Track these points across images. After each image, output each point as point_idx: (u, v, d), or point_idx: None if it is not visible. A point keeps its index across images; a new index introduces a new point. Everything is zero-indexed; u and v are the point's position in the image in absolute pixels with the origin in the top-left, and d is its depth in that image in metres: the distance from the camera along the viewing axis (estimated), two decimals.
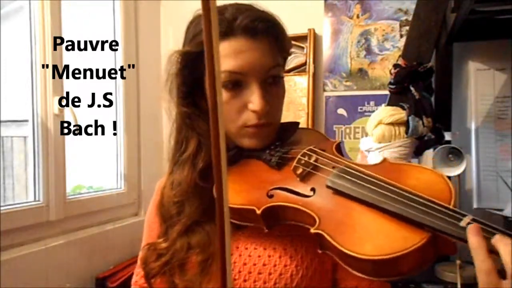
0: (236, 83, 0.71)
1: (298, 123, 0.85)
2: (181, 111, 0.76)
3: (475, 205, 1.64)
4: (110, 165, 1.99)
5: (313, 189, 0.65)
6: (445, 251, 0.54)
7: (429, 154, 1.62)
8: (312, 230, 0.59)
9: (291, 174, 0.69)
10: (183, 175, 0.74)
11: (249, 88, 0.71)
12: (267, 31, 0.71)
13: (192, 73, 0.74)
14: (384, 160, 0.68)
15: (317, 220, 0.59)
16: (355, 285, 0.72)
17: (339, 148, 0.76)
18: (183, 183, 0.74)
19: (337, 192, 0.62)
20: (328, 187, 0.64)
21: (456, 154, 1.54)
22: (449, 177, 1.59)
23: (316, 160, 0.69)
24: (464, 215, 0.52)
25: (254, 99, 0.70)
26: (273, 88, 0.73)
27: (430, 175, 0.61)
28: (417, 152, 1.51)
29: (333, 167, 0.66)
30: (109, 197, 1.90)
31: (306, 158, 0.69)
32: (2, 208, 1.41)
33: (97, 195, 1.85)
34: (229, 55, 0.69)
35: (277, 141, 0.76)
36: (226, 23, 0.69)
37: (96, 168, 2.00)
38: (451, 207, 0.54)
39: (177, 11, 2.19)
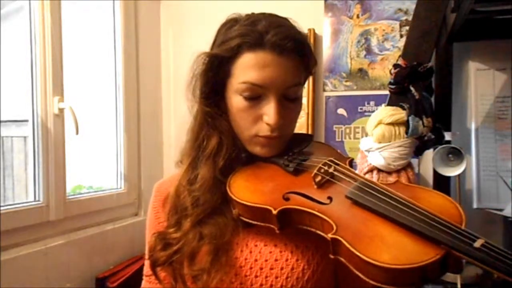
0: (256, 95, 0.74)
1: (312, 136, 0.91)
2: (203, 110, 0.79)
3: (475, 205, 1.64)
4: (110, 165, 1.99)
5: (329, 198, 0.67)
6: (452, 270, 0.56)
7: (429, 154, 1.62)
8: (330, 235, 0.60)
9: (308, 181, 0.71)
10: (204, 171, 0.77)
11: (267, 101, 0.74)
12: (294, 50, 0.73)
13: (216, 75, 0.77)
14: (397, 181, 0.72)
15: (335, 226, 0.61)
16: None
17: (352, 165, 0.79)
18: (204, 178, 0.76)
19: (356, 203, 0.64)
20: (347, 197, 0.65)
21: (456, 154, 1.54)
22: (449, 177, 1.61)
23: (335, 171, 0.72)
24: (478, 237, 0.54)
25: (270, 113, 0.74)
26: (289, 104, 0.76)
27: (443, 200, 0.63)
28: (417, 152, 1.51)
29: (354, 180, 0.69)
30: (109, 197, 1.89)
31: (326, 167, 0.72)
32: (2, 208, 1.41)
33: (97, 195, 1.85)
34: (253, 67, 0.73)
35: (290, 150, 0.80)
36: (257, 35, 0.72)
37: (96, 168, 2.00)
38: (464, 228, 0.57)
39: (177, 11, 2.19)
